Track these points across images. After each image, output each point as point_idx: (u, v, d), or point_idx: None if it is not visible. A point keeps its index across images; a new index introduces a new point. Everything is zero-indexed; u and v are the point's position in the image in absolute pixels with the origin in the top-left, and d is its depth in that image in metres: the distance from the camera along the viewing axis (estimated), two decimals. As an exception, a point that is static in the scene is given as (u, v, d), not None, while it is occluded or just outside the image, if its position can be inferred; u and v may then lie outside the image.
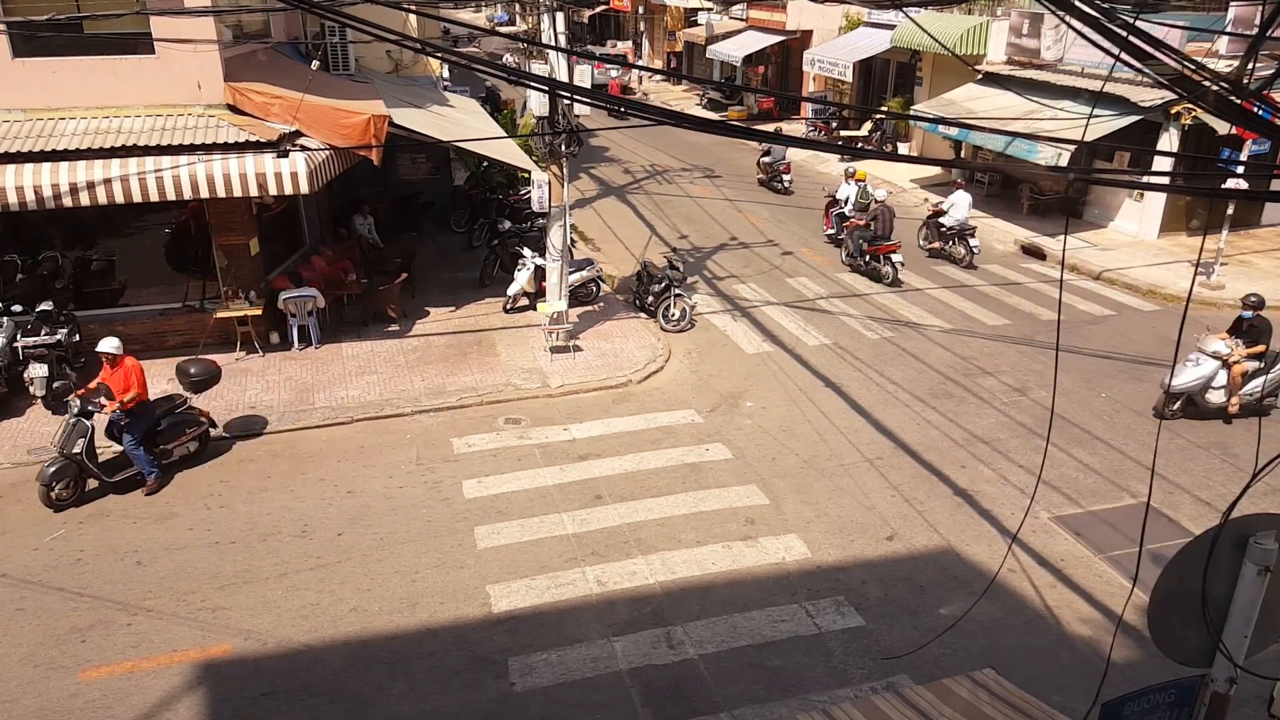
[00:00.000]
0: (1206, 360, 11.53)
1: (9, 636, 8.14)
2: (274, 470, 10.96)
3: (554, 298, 14.16)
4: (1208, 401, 11.64)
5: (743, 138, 6.53)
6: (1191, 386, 11.50)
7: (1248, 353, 11.57)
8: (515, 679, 7.70)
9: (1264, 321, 11.65)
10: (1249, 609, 3.92)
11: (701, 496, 10.36)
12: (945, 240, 18.86)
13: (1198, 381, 11.47)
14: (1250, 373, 11.57)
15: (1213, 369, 11.50)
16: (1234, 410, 11.63)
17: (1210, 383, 11.54)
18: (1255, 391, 11.63)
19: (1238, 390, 11.55)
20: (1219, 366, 11.51)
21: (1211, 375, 11.50)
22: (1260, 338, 11.61)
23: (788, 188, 24.43)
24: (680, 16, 43.86)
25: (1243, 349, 11.60)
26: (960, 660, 7.79)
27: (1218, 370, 11.52)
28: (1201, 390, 11.56)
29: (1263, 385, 11.66)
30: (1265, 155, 16.61)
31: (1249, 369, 11.55)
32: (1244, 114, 4.13)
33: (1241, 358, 11.52)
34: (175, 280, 13.92)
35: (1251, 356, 11.56)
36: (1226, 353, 11.47)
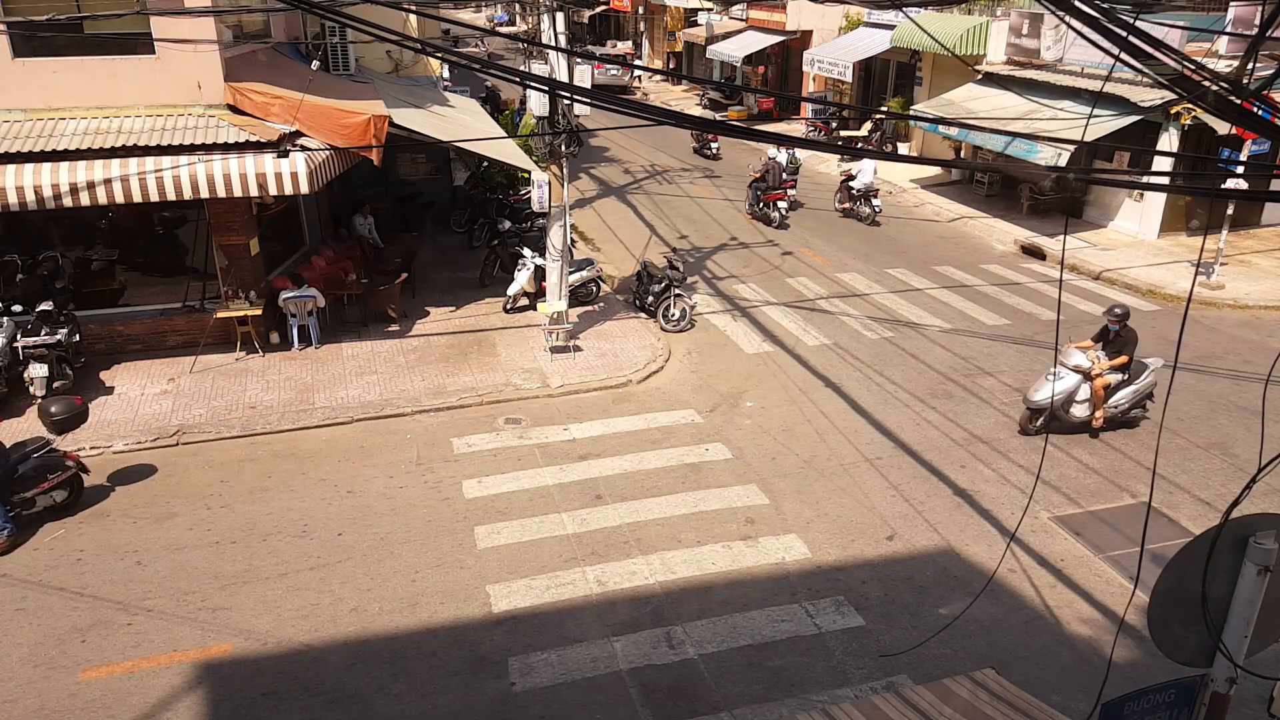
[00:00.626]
0: (1068, 374, 11.12)
1: (9, 636, 8.14)
2: (274, 470, 10.96)
3: (554, 298, 14.16)
4: (1071, 415, 11.27)
5: (743, 138, 6.52)
6: (1053, 401, 11.04)
7: (1110, 364, 11.21)
8: (515, 679, 7.70)
9: (1130, 332, 11.27)
10: (1249, 609, 3.92)
11: (701, 496, 10.37)
12: (854, 201, 21.60)
13: (1059, 395, 11.03)
14: (1114, 385, 11.24)
15: (1074, 382, 11.12)
16: (1098, 424, 11.29)
17: (1073, 396, 11.17)
18: (1120, 404, 11.32)
19: (1102, 404, 11.19)
20: (1080, 380, 11.14)
21: (1073, 389, 11.12)
22: (1124, 349, 11.22)
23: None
24: (680, 17, 43.87)
25: (1105, 361, 11.25)
26: (960, 660, 7.80)
27: (1080, 384, 11.15)
28: (1064, 404, 11.17)
29: (1130, 397, 11.33)
30: (1265, 155, 16.61)
31: (1112, 381, 11.20)
32: (1244, 114, 4.13)
33: (1104, 370, 11.17)
34: (175, 280, 13.92)
35: (1114, 368, 11.21)
36: (1087, 365, 11.12)
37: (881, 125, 28.20)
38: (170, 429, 11.70)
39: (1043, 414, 11.19)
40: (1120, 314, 11.28)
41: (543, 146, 13.69)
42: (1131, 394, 11.33)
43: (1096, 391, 11.15)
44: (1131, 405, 11.38)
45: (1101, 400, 11.16)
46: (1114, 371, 11.24)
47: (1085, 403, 11.22)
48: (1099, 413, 11.21)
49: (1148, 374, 11.41)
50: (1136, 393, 11.35)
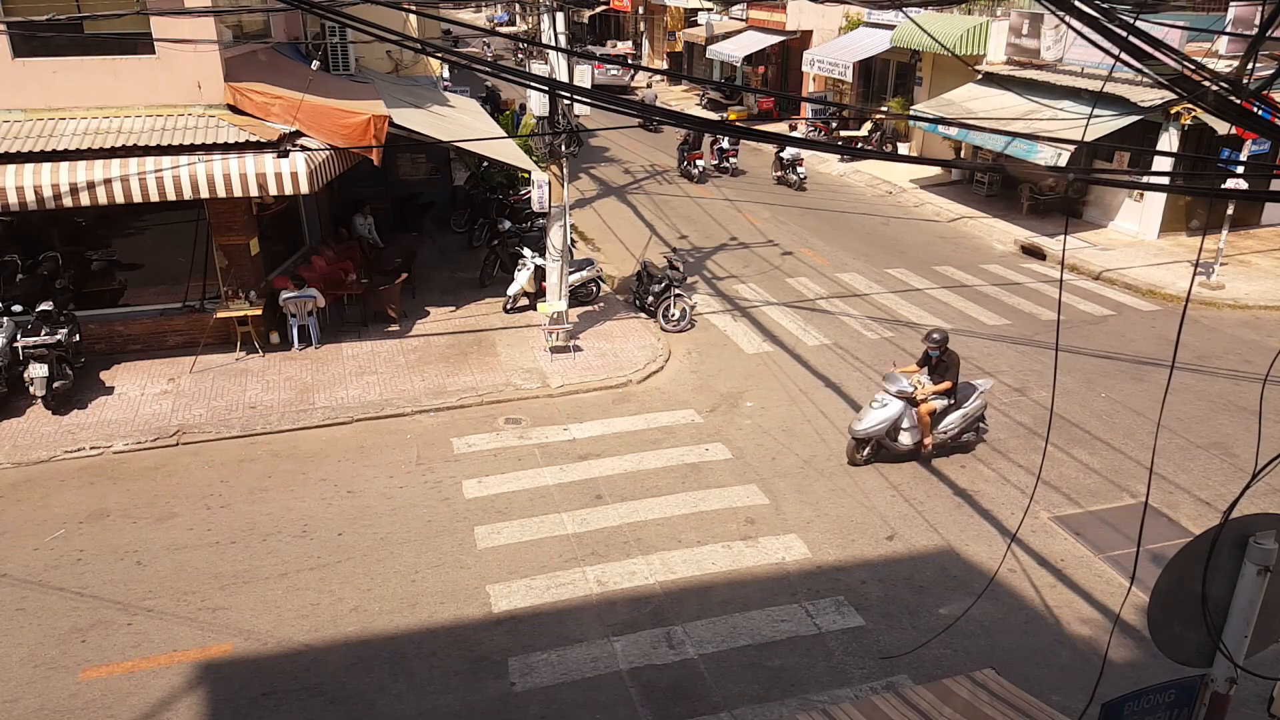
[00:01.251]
0: (892, 400, 10.65)
1: (9, 636, 8.14)
2: (274, 470, 10.96)
3: (554, 298, 14.16)
4: (898, 444, 10.79)
5: (742, 137, 6.52)
6: (878, 429, 10.60)
7: (934, 389, 10.77)
8: (515, 679, 7.70)
9: (952, 356, 10.88)
10: (1249, 609, 3.92)
11: (701, 496, 10.37)
12: (784, 169, 24.97)
13: (884, 423, 10.58)
14: (940, 410, 10.80)
15: (898, 409, 10.62)
16: (927, 451, 10.82)
17: (898, 424, 10.70)
18: (950, 429, 10.87)
19: (929, 430, 10.75)
20: (905, 406, 10.66)
21: (897, 416, 10.63)
22: (947, 373, 10.82)
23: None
24: (680, 16, 43.87)
25: (930, 386, 10.83)
26: (960, 660, 7.80)
27: (904, 410, 10.67)
28: (891, 432, 10.71)
29: (959, 422, 10.88)
30: (1265, 155, 16.61)
31: (937, 407, 10.75)
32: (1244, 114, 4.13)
33: (929, 395, 10.72)
34: (176, 280, 13.92)
35: (939, 394, 10.76)
36: (910, 390, 10.67)
37: (881, 125, 28.20)
38: (170, 429, 11.71)
39: (869, 443, 10.77)
40: (939, 339, 10.82)
41: (543, 146, 13.69)
42: (960, 419, 10.87)
43: (922, 418, 10.69)
44: (962, 430, 10.94)
45: (928, 426, 10.72)
46: (939, 397, 10.76)
47: (912, 429, 10.76)
48: (927, 439, 10.75)
49: (976, 397, 10.95)
50: (966, 417, 10.88)
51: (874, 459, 10.88)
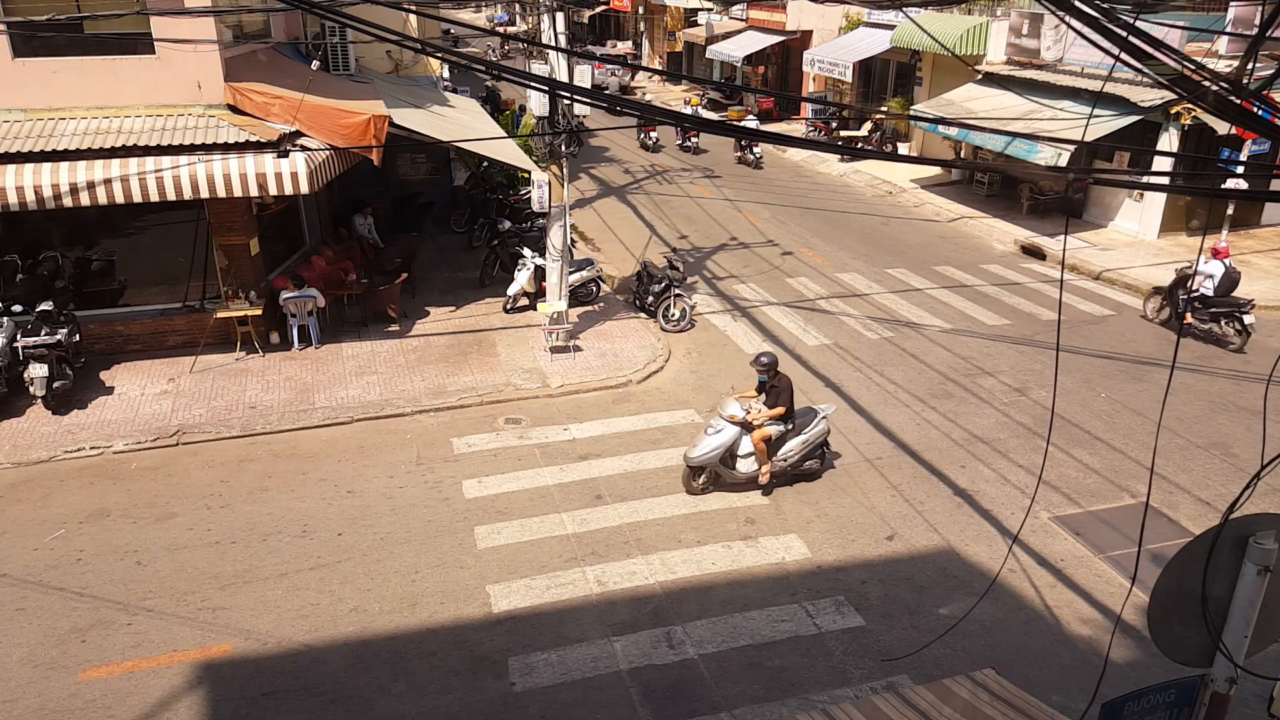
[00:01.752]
0: (726, 426, 10.12)
1: (9, 636, 8.14)
2: (274, 470, 10.96)
3: (554, 298, 14.16)
4: (737, 471, 10.28)
5: (742, 137, 6.52)
6: (711, 456, 10.07)
7: (768, 415, 10.23)
8: (515, 679, 7.70)
9: (783, 379, 10.37)
10: (1249, 609, 3.92)
11: (702, 496, 10.36)
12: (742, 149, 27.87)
13: (717, 450, 10.05)
14: (777, 437, 10.28)
15: (731, 436, 10.09)
16: (765, 480, 10.29)
17: (735, 450, 10.22)
18: (790, 456, 10.37)
19: (767, 457, 10.25)
20: (738, 433, 10.15)
21: (730, 443, 10.11)
22: (779, 398, 10.30)
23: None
24: (680, 16, 43.87)
25: (765, 412, 10.28)
26: (960, 660, 7.80)
27: (738, 437, 10.16)
28: (728, 460, 10.23)
29: (800, 448, 10.39)
30: (1265, 155, 16.62)
31: (772, 433, 10.22)
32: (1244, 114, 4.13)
33: (764, 420, 10.20)
34: (175, 280, 13.92)
35: (773, 419, 10.24)
36: (742, 416, 10.16)
37: (881, 125, 28.20)
38: (170, 429, 11.71)
39: (704, 471, 10.30)
40: (767, 362, 10.28)
41: (543, 146, 13.69)
42: (801, 445, 10.38)
43: (756, 445, 10.19)
44: (804, 456, 10.45)
45: (765, 453, 10.24)
46: (774, 423, 10.26)
47: (750, 457, 10.28)
48: (766, 467, 10.26)
49: (818, 422, 10.49)
50: (806, 443, 10.39)
51: (712, 487, 10.39)
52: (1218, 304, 13.93)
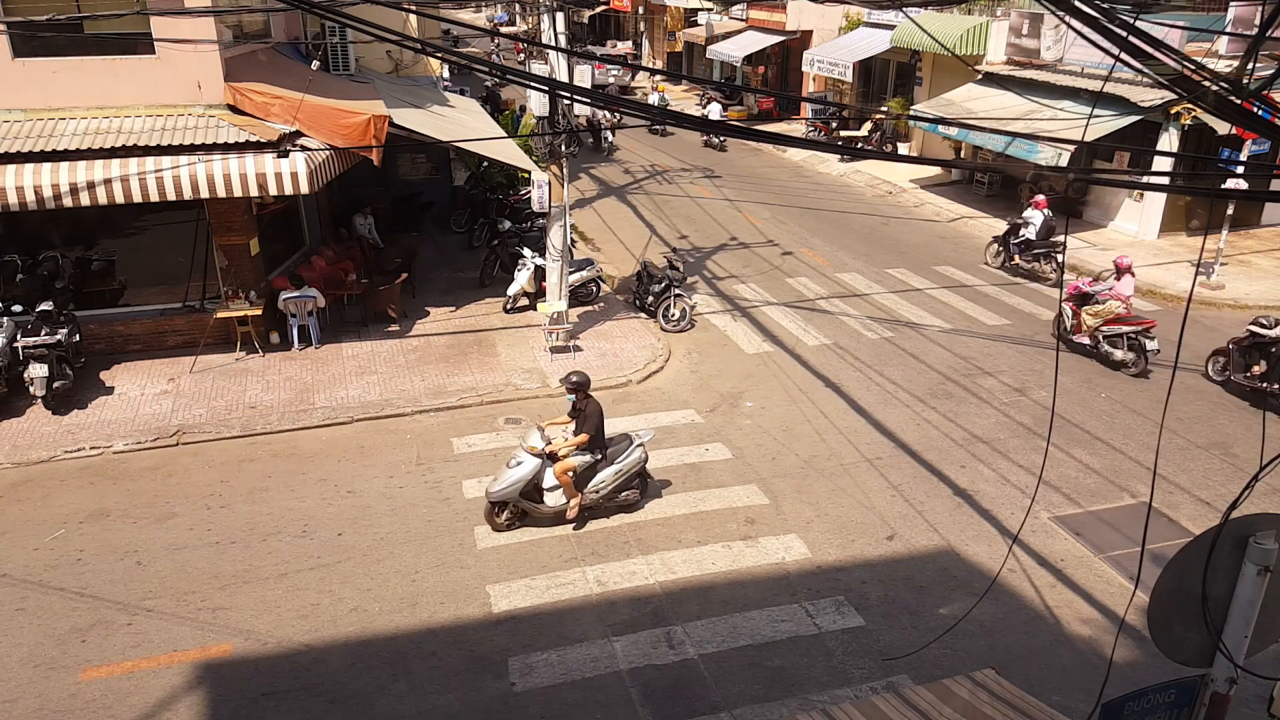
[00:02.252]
0: (528, 458, 9.42)
1: (9, 636, 8.14)
2: (274, 470, 10.96)
3: (554, 298, 14.16)
4: (544, 505, 9.60)
5: (743, 137, 6.53)
6: (510, 491, 9.40)
7: (571, 445, 9.56)
8: (515, 679, 7.70)
9: (591, 404, 9.68)
10: (1249, 609, 3.92)
11: (701, 496, 10.36)
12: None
13: (518, 484, 9.37)
14: (584, 467, 9.60)
15: (532, 468, 9.39)
16: (573, 514, 9.61)
17: (540, 483, 9.55)
18: (602, 487, 9.70)
19: (575, 490, 9.57)
20: (540, 464, 9.45)
21: (531, 475, 9.41)
22: (583, 425, 9.62)
23: None
24: (680, 17, 43.86)
25: (569, 441, 9.63)
26: (960, 660, 7.80)
27: (540, 469, 9.46)
28: (533, 493, 9.56)
29: (613, 478, 9.73)
30: (1265, 155, 16.61)
31: (576, 465, 9.53)
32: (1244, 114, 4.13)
33: (568, 451, 9.54)
34: (175, 280, 13.92)
35: (578, 449, 9.58)
36: (541, 447, 9.43)
37: (881, 125, 28.20)
38: (170, 429, 11.71)
39: (507, 507, 9.61)
40: (576, 381, 9.61)
41: (543, 146, 13.69)
42: (614, 475, 9.73)
43: (559, 478, 9.49)
44: (618, 487, 9.79)
45: (570, 486, 9.55)
46: (579, 453, 9.58)
47: (558, 489, 9.61)
48: (574, 500, 9.57)
49: (633, 450, 9.82)
50: (620, 473, 9.74)
51: (519, 523, 9.69)
52: (1038, 246, 17.29)
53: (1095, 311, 13.87)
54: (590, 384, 9.82)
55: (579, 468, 9.60)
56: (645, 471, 10.04)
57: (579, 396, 9.69)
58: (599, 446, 9.74)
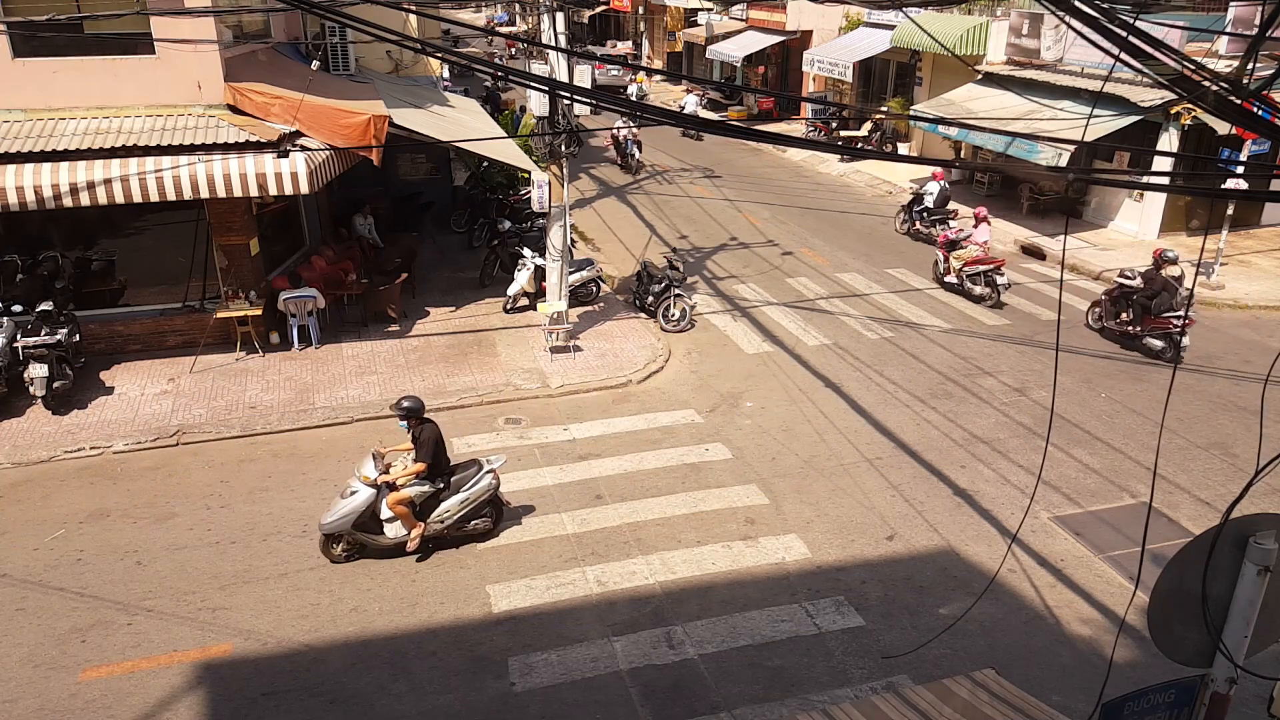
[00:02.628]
0: (362, 488, 8.88)
1: (9, 636, 8.14)
2: (274, 470, 10.96)
3: (554, 298, 14.17)
4: (383, 537, 9.07)
5: (742, 138, 6.54)
6: (343, 523, 8.86)
7: (408, 474, 9.02)
8: (515, 679, 7.70)
9: (427, 430, 9.07)
10: (1249, 609, 3.92)
11: (701, 496, 10.37)
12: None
13: (350, 515, 8.85)
14: (423, 497, 9.07)
15: (365, 499, 8.86)
16: (414, 545, 9.07)
17: (378, 514, 9.02)
18: (447, 517, 9.19)
19: (414, 521, 9.04)
20: (373, 494, 8.90)
21: (366, 506, 8.88)
22: (420, 453, 9.04)
23: None
24: (680, 17, 43.87)
25: (406, 469, 9.09)
26: (960, 660, 7.80)
27: (373, 499, 8.91)
28: (370, 525, 9.00)
29: (458, 507, 9.21)
30: (1265, 155, 16.61)
31: (413, 495, 8.99)
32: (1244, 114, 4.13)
33: (408, 479, 9.00)
34: (175, 280, 13.92)
35: (415, 478, 9.03)
36: (375, 477, 8.90)
37: (881, 125, 28.20)
38: (170, 429, 11.71)
39: (342, 539, 9.09)
40: (408, 406, 9.03)
41: (543, 146, 13.69)
42: (460, 504, 9.22)
43: (394, 508, 8.93)
44: (465, 517, 9.30)
45: (409, 516, 9.03)
46: (416, 483, 9.04)
47: (398, 520, 9.11)
48: (415, 531, 9.06)
49: (482, 476, 9.33)
50: (466, 502, 9.24)
51: (357, 555, 9.18)
52: (936, 213, 19.61)
53: (959, 255, 16.64)
54: (424, 409, 9.17)
55: (417, 498, 9.05)
56: (498, 499, 9.53)
57: (412, 423, 9.08)
58: (441, 474, 9.19)
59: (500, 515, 9.67)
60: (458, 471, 9.39)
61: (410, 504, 9.04)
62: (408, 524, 9.10)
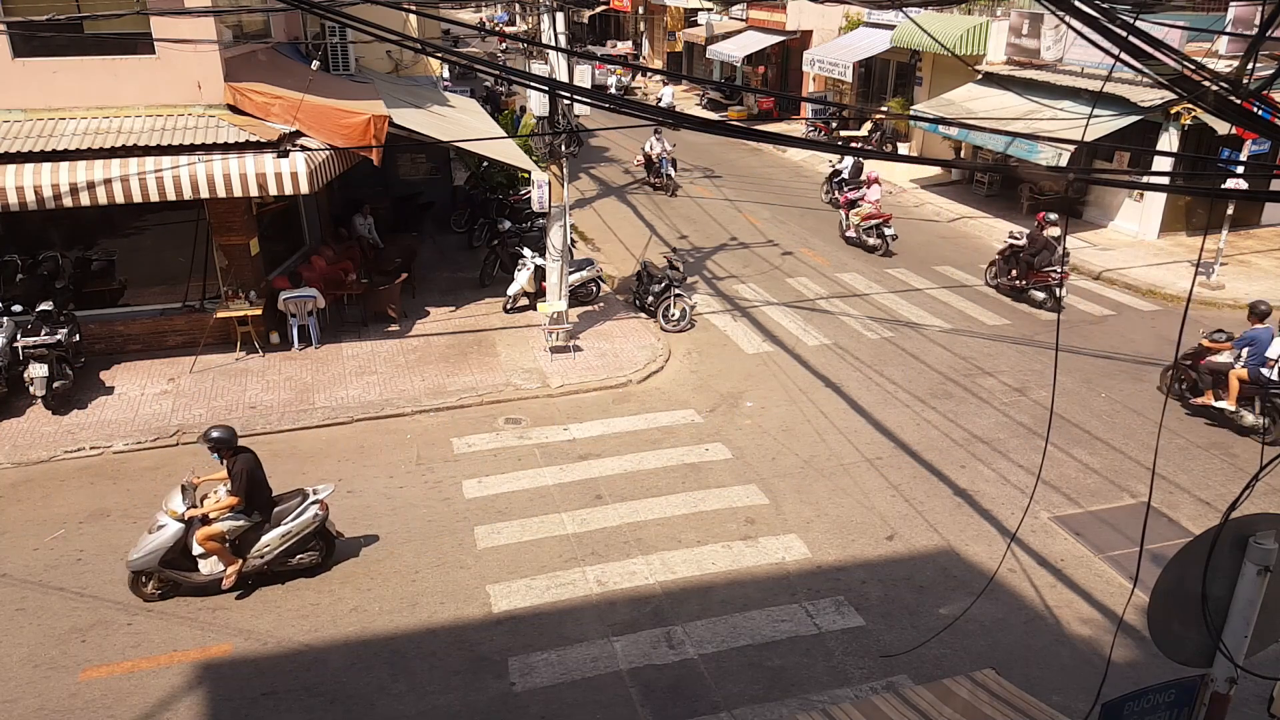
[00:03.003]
0: (170, 522, 8.40)
1: (9, 636, 8.14)
2: (274, 470, 10.86)
3: (554, 298, 14.16)
4: (196, 574, 8.56)
5: (742, 138, 6.53)
6: (150, 560, 8.32)
7: (220, 506, 8.47)
8: (515, 679, 7.70)
9: (241, 461, 8.49)
10: (1249, 609, 3.92)
11: (701, 496, 10.36)
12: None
13: (157, 552, 8.31)
14: (238, 531, 8.56)
15: (174, 534, 8.36)
16: (230, 582, 8.53)
17: (188, 549, 8.48)
18: (267, 551, 8.64)
19: (229, 557, 8.55)
20: (183, 529, 8.41)
21: (174, 541, 8.37)
22: (234, 485, 8.48)
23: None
24: (680, 16, 43.87)
25: (218, 502, 8.54)
26: (960, 660, 7.80)
27: (179, 534, 8.40)
28: (181, 560, 8.49)
29: (279, 540, 8.67)
30: (1265, 155, 16.61)
31: (224, 530, 8.44)
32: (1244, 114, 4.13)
33: (222, 513, 8.45)
34: (175, 280, 13.92)
35: (228, 512, 8.48)
36: (182, 511, 8.42)
37: (881, 125, 28.20)
38: (170, 429, 11.71)
39: (152, 576, 8.52)
40: (217, 437, 8.42)
41: (543, 146, 13.69)
42: (281, 537, 8.66)
43: (203, 544, 8.43)
44: (288, 551, 8.73)
45: (224, 552, 8.50)
46: (229, 516, 8.49)
47: (209, 557, 8.57)
48: (230, 568, 8.53)
49: (305, 507, 8.82)
50: (288, 535, 8.67)
51: (171, 592, 8.61)
52: (850, 183, 21.53)
53: (856, 212, 19.40)
54: (235, 439, 8.54)
55: (231, 533, 8.51)
56: (326, 530, 8.95)
57: (224, 455, 8.49)
58: (259, 507, 8.66)
59: (332, 548, 9.05)
60: (280, 502, 8.85)
61: (223, 539, 8.47)
62: (223, 559, 8.55)
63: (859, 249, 19.18)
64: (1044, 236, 15.91)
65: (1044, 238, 15.89)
